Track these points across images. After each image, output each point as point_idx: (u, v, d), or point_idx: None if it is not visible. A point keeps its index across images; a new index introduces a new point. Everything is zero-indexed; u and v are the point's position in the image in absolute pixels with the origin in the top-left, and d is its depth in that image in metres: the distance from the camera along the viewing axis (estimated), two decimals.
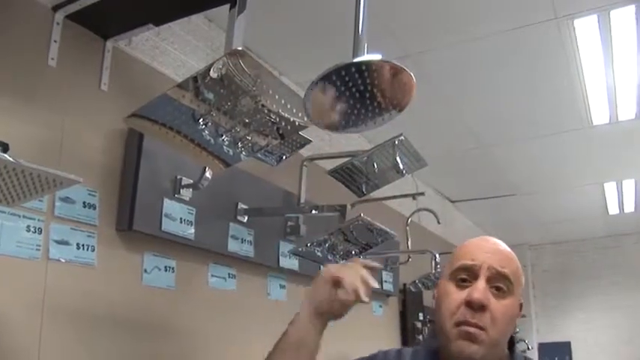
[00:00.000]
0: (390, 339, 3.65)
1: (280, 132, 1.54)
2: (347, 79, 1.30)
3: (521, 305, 1.39)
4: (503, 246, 1.40)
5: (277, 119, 1.51)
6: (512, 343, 1.41)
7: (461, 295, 1.31)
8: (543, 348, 7.06)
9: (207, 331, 2.10)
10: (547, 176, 4.88)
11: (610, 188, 5.30)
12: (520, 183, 5.02)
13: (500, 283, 1.31)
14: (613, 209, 5.97)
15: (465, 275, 1.33)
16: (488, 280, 1.31)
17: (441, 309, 1.34)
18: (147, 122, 1.48)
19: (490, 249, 1.36)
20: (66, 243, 1.62)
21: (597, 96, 3.34)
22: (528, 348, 5.91)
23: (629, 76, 3.10)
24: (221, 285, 2.19)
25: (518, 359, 1.40)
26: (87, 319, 1.66)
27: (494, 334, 1.29)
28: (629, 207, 5.90)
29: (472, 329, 1.27)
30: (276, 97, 1.44)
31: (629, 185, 5.23)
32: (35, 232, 1.54)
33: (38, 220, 1.56)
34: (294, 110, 1.47)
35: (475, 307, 1.27)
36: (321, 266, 1.28)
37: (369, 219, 1.96)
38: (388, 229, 2.10)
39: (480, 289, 1.28)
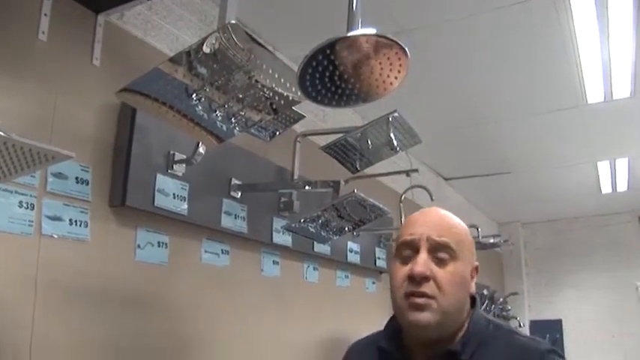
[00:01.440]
0: (382, 315, 3.65)
1: (274, 107, 1.53)
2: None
3: (476, 268, 1.42)
4: (444, 215, 1.43)
5: (271, 94, 1.50)
6: (473, 301, 1.43)
7: (405, 270, 1.35)
8: (535, 325, 7.12)
9: (201, 306, 2.10)
10: (541, 154, 4.88)
11: (603, 167, 5.31)
12: (514, 161, 5.03)
13: (441, 252, 1.35)
14: (606, 188, 5.99)
15: (408, 250, 1.37)
16: (430, 251, 1.35)
17: (390, 286, 1.39)
18: (139, 97, 1.47)
19: (428, 221, 1.40)
20: (59, 219, 1.62)
21: (592, 74, 3.34)
22: (520, 325, 5.96)
23: (624, 55, 3.09)
24: (214, 261, 2.19)
25: (476, 323, 1.40)
26: (80, 295, 1.66)
27: (444, 301, 1.32)
28: (622, 186, 5.92)
29: (420, 300, 1.31)
30: (270, 71, 1.43)
31: (622, 164, 5.24)
32: (28, 207, 1.54)
33: (30, 195, 1.55)
34: (288, 85, 1.46)
35: (417, 279, 1.31)
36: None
37: (362, 195, 1.95)
38: (381, 206, 2.10)
39: (419, 262, 1.33)
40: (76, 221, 1.67)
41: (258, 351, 2.35)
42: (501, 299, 6.11)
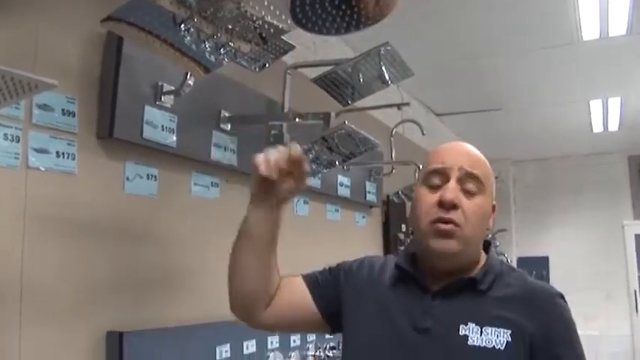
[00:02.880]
0: (372, 249, 3.72)
1: (263, 36, 1.51)
2: None
3: (493, 207, 1.47)
4: (473, 149, 1.46)
5: (260, 23, 1.47)
6: (487, 245, 1.46)
7: (434, 197, 1.38)
8: (522, 262, 7.26)
9: (190, 239, 2.11)
10: (533, 91, 4.86)
11: (595, 106, 5.30)
12: (506, 97, 5.01)
13: (470, 183, 1.38)
14: (597, 127, 6.00)
15: (437, 178, 1.40)
16: (459, 181, 1.38)
17: (416, 211, 1.42)
18: (125, 25, 1.44)
19: (460, 152, 1.44)
20: (45, 151, 1.60)
21: (588, 10, 3.28)
22: (507, 261, 6.05)
23: None
24: (204, 193, 2.19)
25: (493, 259, 1.45)
26: (69, 227, 1.66)
27: (468, 230, 1.36)
28: (614, 125, 5.93)
29: (447, 226, 1.35)
30: None
31: (614, 103, 5.23)
32: (13, 140, 1.51)
33: (15, 128, 1.52)
34: (278, 12, 1.43)
35: (447, 206, 1.35)
36: None
37: (353, 126, 1.94)
38: (372, 138, 2.09)
39: (450, 189, 1.36)
40: (63, 153, 1.65)
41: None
42: (490, 235, 6.18)
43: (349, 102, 2.28)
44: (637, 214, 7.17)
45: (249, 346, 2.23)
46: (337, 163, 2.23)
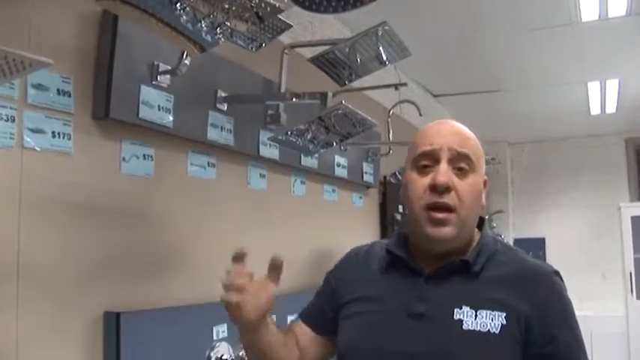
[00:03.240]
0: (369, 230, 3.73)
1: (260, 14, 1.49)
2: None
3: (485, 182, 1.44)
4: (460, 127, 1.43)
5: (257, 2, 1.45)
6: (481, 221, 1.45)
7: (425, 180, 1.36)
8: (518, 243, 7.27)
9: (187, 219, 2.11)
10: (531, 73, 4.84)
11: (593, 88, 5.29)
12: (504, 79, 4.99)
13: (461, 163, 1.36)
14: (595, 109, 5.99)
15: (427, 161, 1.38)
16: (450, 162, 1.35)
17: (409, 197, 1.39)
18: (120, 4, 1.42)
19: (448, 131, 1.40)
20: (41, 131, 1.58)
21: None
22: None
23: None
24: (200, 173, 2.18)
25: (487, 238, 1.44)
26: (65, 208, 1.65)
27: (463, 212, 1.35)
28: (611, 108, 5.91)
29: (442, 215, 1.33)
30: None
31: (612, 85, 5.22)
32: (8, 120, 1.50)
33: (10, 108, 1.51)
34: None
35: (440, 189, 1.33)
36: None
37: (350, 106, 1.93)
38: (368, 117, 2.08)
39: (442, 172, 1.33)
40: (59, 133, 1.64)
41: (245, 261, 2.38)
42: (487, 217, 6.21)
43: (346, 82, 2.27)
44: (633, 196, 7.19)
45: None
46: (335, 143, 2.22)
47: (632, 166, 7.31)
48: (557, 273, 1.40)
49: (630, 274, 6.37)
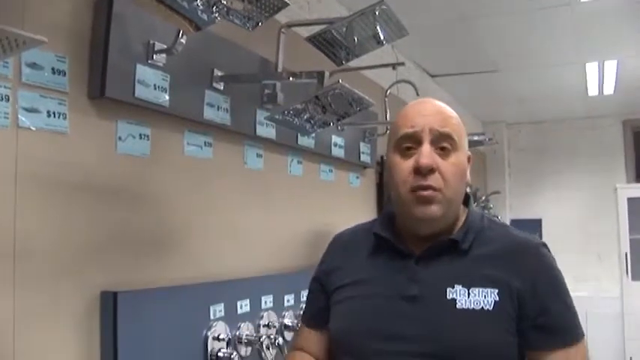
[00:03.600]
0: (366, 210, 3.73)
1: None
2: None
3: (469, 158, 1.44)
4: (441, 105, 1.43)
5: None
6: (467, 198, 1.46)
7: (408, 163, 1.36)
8: (515, 224, 7.28)
9: (184, 198, 2.11)
10: (529, 53, 4.82)
11: (591, 69, 5.26)
12: (501, 59, 4.96)
13: (444, 142, 1.36)
14: (592, 90, 5.97)
15: (409, 143, 1.38)
16: (432, 143, 1.35)
17: (394, 179, 1.39)
18: None
19: (429, 111, 1.40)
20: (36, 110, 1.58)
21: None
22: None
23: None
24: (197, 153, 2.18)
25: (473, 215, 1.44)
26: (61, 187, 1.65)
27: (449, 192, 1.35)
28: (609, 89, 5.90)
29: (427, 192, 1.33)
30: None
31: (610, 66, 5.19)
32: (2, 99, 1.49)
33: (4, 87, 1.50)
34: None
35: (424, 171, 1.33)
36: None
37: (347, 85, 1.92)
38: (365, 97, 2.07)
39: (425, 154, 1.33)
40: (54, 113, 1.63)
41: (242, 241, 2.39)
42: (483, 197, 6.22)
43: (343, 62, 2.26)
44: (630, 178, 7.20)
45: (243, 306, 2.25)
46: (332, 123, 2.21)
47: (629, 147, 7.31)
48: (544, 245, 1.40)
49: (626, 255, 6.40)
